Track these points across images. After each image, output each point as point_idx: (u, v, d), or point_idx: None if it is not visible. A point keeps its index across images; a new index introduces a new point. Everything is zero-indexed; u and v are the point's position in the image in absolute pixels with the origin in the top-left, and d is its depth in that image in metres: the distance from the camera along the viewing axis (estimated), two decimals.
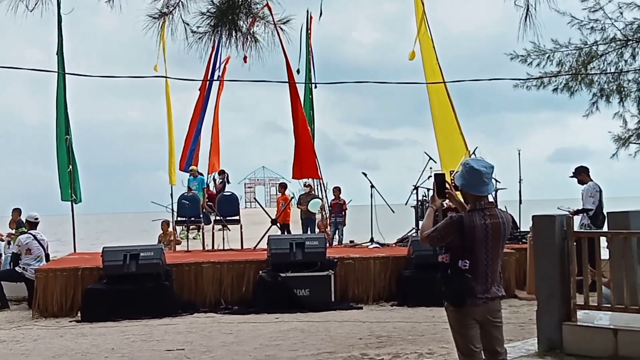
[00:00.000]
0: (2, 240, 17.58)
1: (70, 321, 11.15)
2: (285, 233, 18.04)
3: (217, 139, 25.06)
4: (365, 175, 17.12)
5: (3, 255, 19.48)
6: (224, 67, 22.06)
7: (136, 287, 11.43)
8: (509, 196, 16.24)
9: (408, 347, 8.45)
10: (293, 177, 18.37)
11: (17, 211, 17.06)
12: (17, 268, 13.11)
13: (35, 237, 13.30)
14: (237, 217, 16.93)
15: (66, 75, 15.04)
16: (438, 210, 5.27)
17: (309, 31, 21.69)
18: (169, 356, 8.36)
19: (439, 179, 5.23)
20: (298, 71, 20.49)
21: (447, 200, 5.33)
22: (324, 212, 19.64)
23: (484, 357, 5.08)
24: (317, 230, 18.88)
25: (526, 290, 12.18)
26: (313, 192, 20.08)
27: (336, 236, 19.49)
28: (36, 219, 13.68)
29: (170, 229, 19.21)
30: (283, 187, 20.56)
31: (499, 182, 15.69)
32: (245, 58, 15.09)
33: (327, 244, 13.06)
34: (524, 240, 13.69)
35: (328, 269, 11.94)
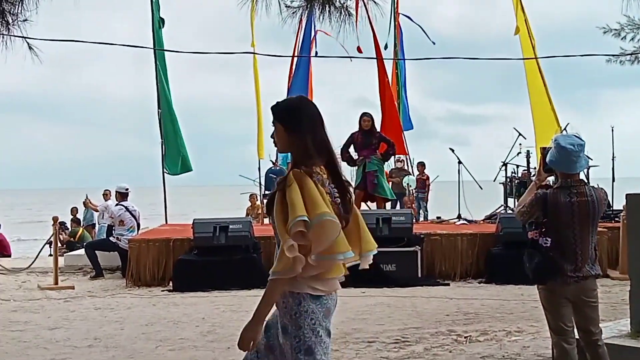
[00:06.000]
0: (96, 211, 18.17)
1: (162, 290, 11.44)
2: None
3: None
4: (453, 151, 16.98)
5: (97, 226, 20.20)
6: (312, 41, 22.08)
7: (225, 258, 11.64)
8: (602, 174, 15.85)
9: (496, 324, 8.39)
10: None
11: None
12: (110, 238, 13.53)
13: (127, 209, 13.65)
14: None
15: (158, 51, 15.33)
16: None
17: (396, 5, 21.51)
18: None
19: (547, 153, 5.13)
20: (386, 46, 20.43)
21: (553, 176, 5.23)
22: (410, 188, 19.61)
23: (577, 336, 5.02)
24: (404, 206, 18.86)
25: (619, 270, 11.90)
26: (405, 167, 20.07)
27: (421, 212, 19.44)
28: (126, 189, 14.01)
29: (258, 202, 19.49)
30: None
31: (591, 159, 15.33)
32: (359, 48, 15.35)
33: (414, 220, 13.02)
34: (617, 219, 13.35)
35: (415, 244, 11.90)
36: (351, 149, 13.48)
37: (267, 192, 17.62)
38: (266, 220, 17.63)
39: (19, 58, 8.25)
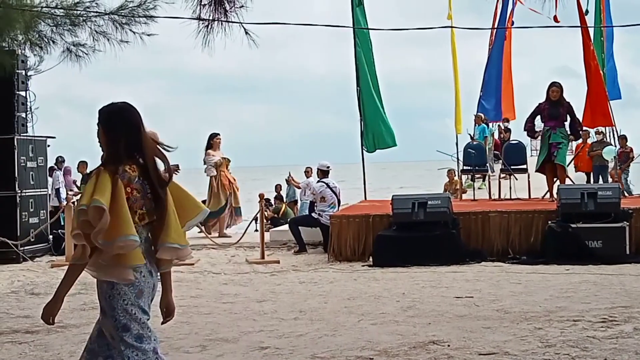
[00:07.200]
0: (299, 188, 18.80)
1: (362, 265, 11.64)
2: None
3: (509, 87, 24.53)
4: None
5: (299, 202, 20.90)
6: (510, 13, 21.59)
7: (424, 234, 11.68)
8: None
9: None
10: (583, 125, 17.64)
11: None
12: (312, 214, 13.94)
13: (328, 185, 13.99)
14: (524, 166, 16.58)
15: (360, 29, 15.50)
16: None
17: None
18: (458, 303, 8.48)
19: None
20: (586, 12, 19.55)
21: None
22: (616, 161, 18.80)
23: None
24: (609, 179, 18.08)
25: None
26: (605, 139, 19.25)
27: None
28: (328, 167, 14.34)
29: (456, 177, 19.35)
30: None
31: None
32: (555, 17, 15.23)
33: (621, 194, 12.46)
34: None
35: (622, 220, 11.38)
36: (537, 120, 13.46)
37: (465, 168, 17.46)
38: (465, 196, 17.52)
39: (237, 43, 8.73)
